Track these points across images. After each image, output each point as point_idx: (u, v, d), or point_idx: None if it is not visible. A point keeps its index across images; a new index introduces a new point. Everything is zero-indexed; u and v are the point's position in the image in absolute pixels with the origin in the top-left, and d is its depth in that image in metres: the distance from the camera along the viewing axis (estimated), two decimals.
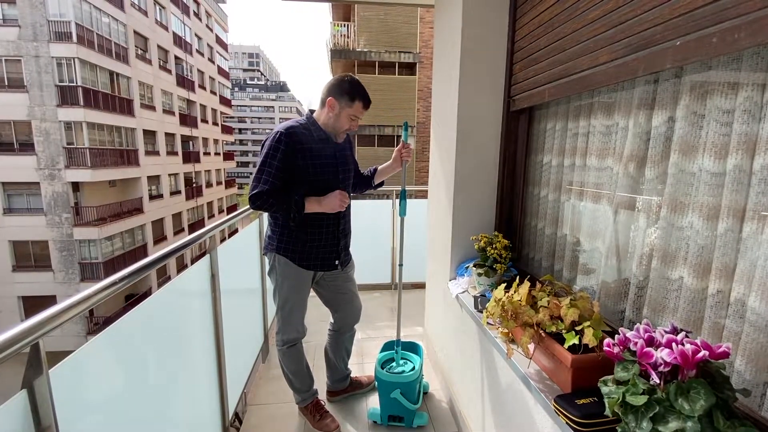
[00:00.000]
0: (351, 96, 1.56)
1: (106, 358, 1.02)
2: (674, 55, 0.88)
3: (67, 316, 0.79)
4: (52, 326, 0.74)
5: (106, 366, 1.01)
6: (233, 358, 1.81)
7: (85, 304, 0.85)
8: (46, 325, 0.73)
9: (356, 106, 1.57)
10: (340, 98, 1.57)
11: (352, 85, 1.57)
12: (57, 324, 0.76)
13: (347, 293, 1.85)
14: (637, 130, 1.15)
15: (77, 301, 0.83)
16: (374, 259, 3.61)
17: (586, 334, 0.91)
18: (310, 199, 1.58)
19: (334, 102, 1.57)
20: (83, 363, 0.90)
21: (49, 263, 14.00)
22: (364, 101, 1.58)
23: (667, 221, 1.05)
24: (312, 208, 1.57)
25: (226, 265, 1.77)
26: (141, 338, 1.16)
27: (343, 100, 1.56)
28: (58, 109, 13.45)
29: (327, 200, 1.58)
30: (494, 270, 1.58)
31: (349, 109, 1.57)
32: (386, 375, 1.72)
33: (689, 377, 0.70)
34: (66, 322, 0.80)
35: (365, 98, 1.58)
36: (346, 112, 1.57)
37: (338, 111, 1.57)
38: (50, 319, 0.74)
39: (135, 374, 1.13)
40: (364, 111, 1.59)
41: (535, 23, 1.51)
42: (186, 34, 21.67)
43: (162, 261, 1.21)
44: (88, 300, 0.86)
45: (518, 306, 1.07)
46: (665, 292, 1.07)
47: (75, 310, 0.82)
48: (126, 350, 1.09)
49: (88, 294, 0.88)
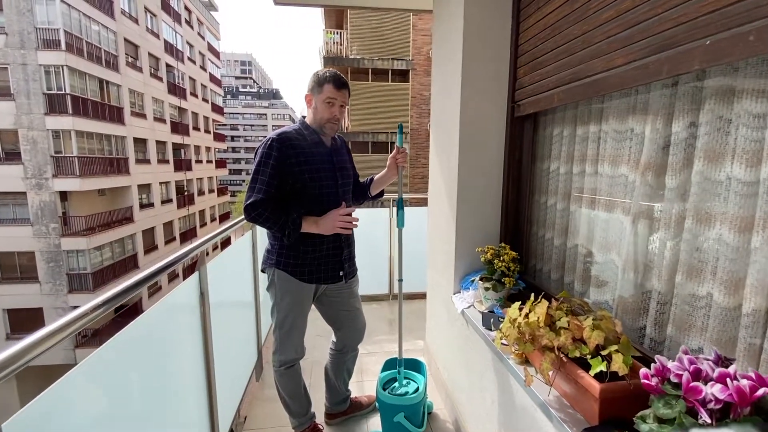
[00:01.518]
0: (319, 82, 1.55)
1: (89, 388, 0.94)
2: (703, 55, 0.81)
3: (52, 342, 0.74)
4: (34, 354, 0.69)
5: (88, 395, 0.94)
6: (225, 379, 1.70)
7: (70, 329, 0.79)
8: (28, 353, 0.68)
9: (326, 89, 1.53)
10: (312, 90, 1.57)
11: (319, 73, 1.56)
12: (40, 351, 0.70)
13: (351, 310, 1.74)
14: (655, 136, 1.08)
15: (62, 326, 0.77)
16: (371, 270, 3.50)
17: (614, 360, 0.82)
18: (307, 219, 1.51)
19: (310, 96, 1.59)
20: (63, 396, 0.83)
21: (35, 275, 13.66)
22: (334, 82, 1.53)
23: (692, 233, 0.98)
24: (309, 228, 1.51)
25: (217, 280, 1.67)
26: (125, 365, 1.07)
27: (315, 89, 1.56)
28: (46, 117, 13.22)
29: (323, 221, 1.51)
30: (502, 284, 1.50)
31: (321, 95, 1.54)
32: (389, 397, 1.61)
33: (743, 415, 0.62)
34: (52, 348, 0.74)
35: (334, 79, 1.54)
36: (320, 99, 1.55)
37: (315, 102, 1.57)
38: (33, 346, 0.69)
39: (119, 401, 1.04)
40: (337, 91, 1.54)
41: (541, 26, 1.45)
42: (177, 42, 21.55)
43: (150, 280, 1.11)
44: (73, 324, 0.80)
45: (536, 328, 0.98)
46: (691, 309, 0.99)
47: (59, 335, 0.76)
48: (109, 378, 1.00)
49: (72, 318, 0.81)
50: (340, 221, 1.51)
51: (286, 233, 1.47)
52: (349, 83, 1.58)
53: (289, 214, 1.47)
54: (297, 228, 1.48)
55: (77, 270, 14.04)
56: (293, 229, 1.47)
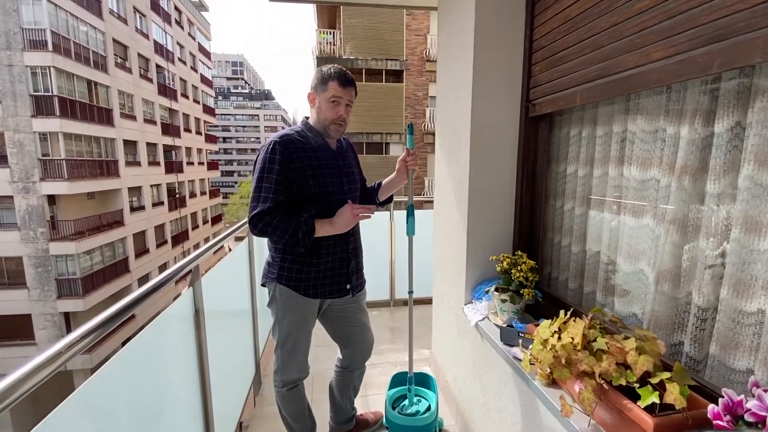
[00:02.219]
0: (323, 80, 1.42)
1: (82, 419, 0.85)
2: (766, 46, 0.72)
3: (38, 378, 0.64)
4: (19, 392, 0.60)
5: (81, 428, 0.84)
6: (221, 398, 1.59)
7: (55, 363, 0.68)
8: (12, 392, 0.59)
9: (331, 87, 1.41)
10: (316, 88, 1.45)
11: (323, 70, 1.44)
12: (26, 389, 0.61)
13: (358, 326, 1.62)
14: (693, 137, 0.99)
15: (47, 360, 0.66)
16: (371, 275, 3.37)
17: (669, 391, 0.73)
18: (320, 222, 1.38)
19: (313, 95, 1.47)
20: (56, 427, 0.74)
21: (23, 280, 13.32)
22: (339, 79, 1.41)
23: (740, 243, 0.89)
24: (323, 230, 1.38)
25: (213, 293, 1.56)
26: (119, 391, 0.98)
27: (319, 88, 1.43)
28: (32, 119, 12.89)
29: (339, 218, 1.39)
30: (520, 295, 1.40)
31: (325, 93, 1.42)
32: (400, 418, 1.51)
33: None
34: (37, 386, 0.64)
35: (339, 75, 1.41)
36: (324, 98, 1.42)
37: (319, 101, 1.44)
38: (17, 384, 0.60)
39: (113, 427, 0.95)
40: (343, 89, 1.41)
41: (560, 19, 1.36)
42: (167, 43, 21.23)
43: (137, 304, 0.99)
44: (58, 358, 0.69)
45: (572, 351, 0.88)
46: (738, 326, 0.90)
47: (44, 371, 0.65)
48: (104, 406, 0.92)
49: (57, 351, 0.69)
50: (357, 210, 1.40)
51: (300, 238, 1.34)
52: (355, 82, 1.46)
53: (299, 217, 1.35)
54: (311, 230, 1.34)
55: (66, 275, 13.71)
56: (307, 231, 1.33)
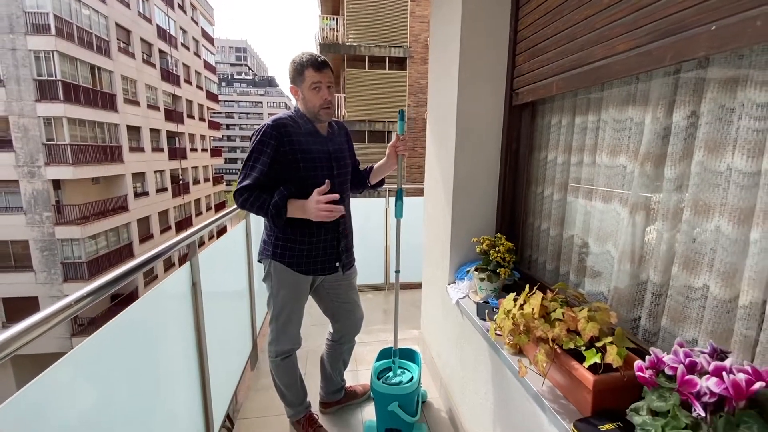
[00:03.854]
0: (299, 70, 1.47)
1: (78, 378, 0.93)
2: (709, 41, 0.79)
3: (43, 329, 0.74)
4: (26, 340, 0.70)
5: (77, 386, 0.93)
6: (218, 370, 1.70)
7: (60, 316, 0.79)
8: (20, 338, 0.69)
9: (308, 74, 1.46)
10: (295, 80, 1.51)
11: (295, 61, 1.49)
12: (32, 338, 0.71)
13: (349, 302, 1.73)
14: (655, 126, 1.06)
15: (52, 313, 0.77)
16: (366, 260, 3.46)
17: (609, 352, 0.82)
18: (294, 203, 1.44)
19: (294, 88, 1.53)
20: (51, 386, 0.83)
21: (30, 263, 13.57)
22: (313, 65, 1.45)
23: (690, 224, 0.97)
24: (297, 212, 1.44)
25: (210, 270, 1.66)
26: (115, 356, 1.06)
27: (297, 79, 1.49)
28: (36, 104, 12.96)
29: (308, 205, 1.42)
30: (497, 274, 1.49)
31: (304, 82, 1.48)
32: (383, 387, 1.61)
33: (738, 408, 0.61)
34: (43, 335, 0.74)
35: (312, 61, 1.46)
36: (305, 87, 1.48)
37: (301, 92, 1.50)
38: (25, 332, 0.70)
39: (109, 392, 1.03)
40: (319, 73, 1.46)
41: (541, 10, 1.41)
42: (170, 27, 21.09)
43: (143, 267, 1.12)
44: (63, 312, 0.80)
45: (530, 319, 0.97)
46: (687, 301, 0.99)
47: (49, 323, 0.76)
48: (99, 368, 1.00)
49: (62, 306, 0.81)
50: (322, 209, 1.39)
51: (268, 216, 1.42)
52: (328, 62, 1.50)
53: (271, 197, 1.42)
54: (279, 211, 1.41)
55: (72, 259, 13.96)
56: (275, 213, 1.40)
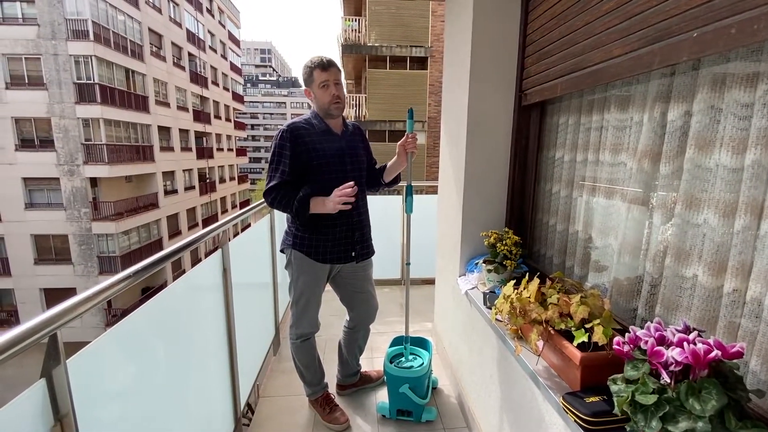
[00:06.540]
0: (309, 73, 1.60)
1: (122, 350, 1.04)
2: (691, 47, 0.86)
3: (84, 308, 0.81)
4: (69, 317, 0.76)
5: (121, 357, 1.03)
6: (245, 351, 1.84)
7: (100, 297, 0.87)
8: (64, 316, 0.75)
9: (316, 75, 1.59)
10: (306, 82, 1.64)
11: (306, 65, 1.62)
12: (74, 315, 0.78)
13: (364, 293, 1.85)
14: (652, 125, 1.12)
15: (93, 294, 0.85)
16: (384, 255, 3.58)
17: (595, 331, 0.90)
18: (315, 200, 1.58)
19: (307, 90, 1.66)
20: (99, 354, 0.92)
21: (69, 257, 14.40)
22: (320, 65, 1.57)
23: (682, 218, 1.03)
24: (319, 207, 1.57)
25: (238, 259, 1.79)
26: (155, 331, 1.18)
27: (309, 81, 1.62)
28: (76, 106, 13.73)
29: (329, 201, 1.55)
30: (504, 266, 1.57)
31: (314, 83, 1.60)
32: (395, 370, 1.73)
33: (701, 377, 0.69)
34: (83, 314, 0.82)
35: (319, 63, 1.58)
36: (315, 87, 1.61)
37: (313, 92, 1.63)
38: (68, 311, 0.76)
39: (149, 365, 1.15)
40: (326, 72, 1.58)
41: (548, 16, 1.48)
42: (199, 31, 21.87)
43: (175, 255, 1.23)
44: (104, 292, 0.88)
45: (527, 303, 1.06)
46: (679, 290, 1.05)
47: (91, 303, 0.83)
48: (140, 342, 1.11)
49: (104, 287, 0.89)
50: (338, 197, 1.53)
51: (294, 211, 1.56)
52: (335, 62, 1.62)
53: (296, 195, 1.56)
54: (303, 206, 1.55)
55: (107, 253, 14.74)
56: (299, 207, 1.54)
